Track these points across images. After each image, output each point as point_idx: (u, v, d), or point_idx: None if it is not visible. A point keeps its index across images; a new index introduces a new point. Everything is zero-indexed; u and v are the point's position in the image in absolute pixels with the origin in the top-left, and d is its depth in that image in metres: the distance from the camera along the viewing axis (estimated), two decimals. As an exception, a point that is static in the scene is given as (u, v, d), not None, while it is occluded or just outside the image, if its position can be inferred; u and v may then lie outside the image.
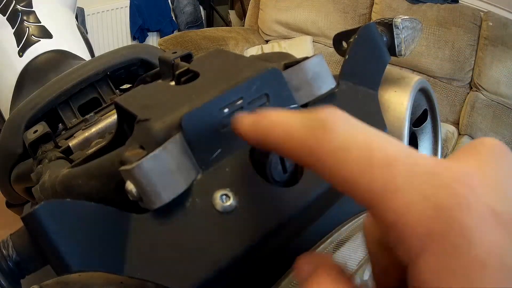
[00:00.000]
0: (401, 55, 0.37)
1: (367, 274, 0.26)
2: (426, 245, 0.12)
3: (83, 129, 0.44)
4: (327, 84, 0.28)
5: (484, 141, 0.14)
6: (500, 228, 0.12)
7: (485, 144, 0.14)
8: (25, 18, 0.74)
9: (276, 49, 2.25)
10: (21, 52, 0.70)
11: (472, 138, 1.95)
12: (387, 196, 0.13)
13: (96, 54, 0.65)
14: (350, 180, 0.14)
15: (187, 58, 0.37)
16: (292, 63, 0.27)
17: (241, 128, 0.19)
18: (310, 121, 0.15)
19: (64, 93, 0.47)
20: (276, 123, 0.17)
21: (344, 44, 0.35)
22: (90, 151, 0.36)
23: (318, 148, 0.15)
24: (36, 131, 0.41)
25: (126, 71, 0.53)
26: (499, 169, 0.13)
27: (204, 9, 2.95)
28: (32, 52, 0.70)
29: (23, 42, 0.71)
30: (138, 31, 2.60)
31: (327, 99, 0.28)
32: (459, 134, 2.00)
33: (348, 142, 0.14)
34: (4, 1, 0.74)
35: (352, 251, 0.26)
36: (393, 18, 0.36)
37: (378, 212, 0.13)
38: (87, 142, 0.42)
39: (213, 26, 2.92)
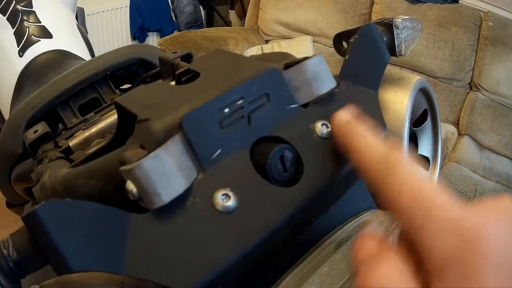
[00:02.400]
0: (401, 55, 0.37)
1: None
2: (445, 267, 0.16)
3: (83, 129, 0.44)
4: (327, 84, 0.28)
5: (503, 199, 0.18)
6: (501, 271, 0.15)
7: (503, 201, 0.17)
8: (25, 18, 0.74)
9: (276, 49, 2.25)
10: (21, 52, 0.70)
11: (472, 138, 1.95)
12: (425, 227, 0.17)
13: (96, 54, 0.65)
14: (399, 208, 0.18)
15: (187, 58, 0.37)
16: (292, 63, 0.27)
17: (336, 122, 0.24)
18: (384, 155, 0.20)
19: (64, 93, 0.47)
20: (361, 140, 0.22)
21: (344, 44, 0.35)
22: (91, 151, 0.36)
23: (382, 176, 0.19)
24: (36, 131, 0.41)
25: (126, 71, 0.53)
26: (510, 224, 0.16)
27: (204, 9, 2.95)
28: (32, 52, 0.70)
29: (23, 42, 0.71)
30: (138, 31, 2.60)
31: (327, 99, 0.28)
32: (459, 134, 2.00)
33: (405, 181, 0.18)
34: (4, 1, 0.74)
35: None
36: (393, 18, 0.36)
37: (415, 235, 0.17)
38: (87, 142, 0.42)
39: (213, 26, 2.92)
